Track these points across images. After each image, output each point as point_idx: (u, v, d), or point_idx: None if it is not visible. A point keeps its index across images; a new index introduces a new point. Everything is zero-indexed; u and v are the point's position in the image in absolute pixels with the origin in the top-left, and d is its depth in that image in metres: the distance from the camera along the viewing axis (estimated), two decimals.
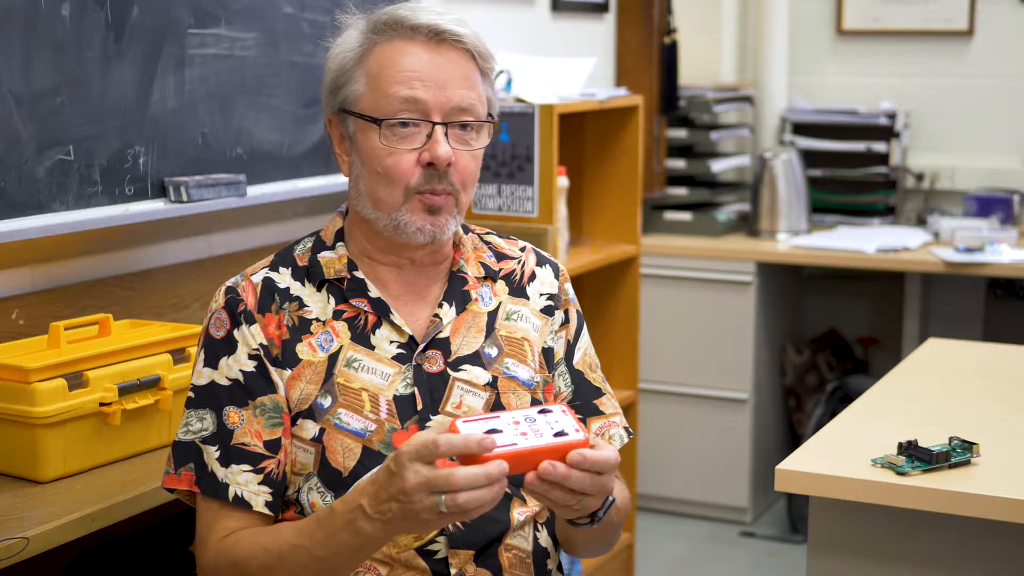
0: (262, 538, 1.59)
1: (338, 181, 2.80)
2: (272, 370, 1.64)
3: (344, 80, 1.68)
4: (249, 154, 2.58)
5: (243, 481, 1.62)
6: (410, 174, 1.63)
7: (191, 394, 1.67)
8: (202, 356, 1.67)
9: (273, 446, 1.63)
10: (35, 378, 1.92)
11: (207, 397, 1.65)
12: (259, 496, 1.62)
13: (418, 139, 1.63)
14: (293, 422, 1.64)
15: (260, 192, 2.61)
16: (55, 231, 2.16)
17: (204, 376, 1.66)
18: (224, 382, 1.65)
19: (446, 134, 1.63)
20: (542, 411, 1.44)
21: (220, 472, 1.62)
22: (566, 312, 1.81)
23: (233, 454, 1.62)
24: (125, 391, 2.01)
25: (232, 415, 1.64)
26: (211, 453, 1.63)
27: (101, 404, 1.98)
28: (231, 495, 1.61)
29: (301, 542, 1.54)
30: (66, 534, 1.77)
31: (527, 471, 1.41)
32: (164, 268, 2.55)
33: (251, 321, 1.66)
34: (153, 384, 2.05)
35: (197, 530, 1.65)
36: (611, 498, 1.55)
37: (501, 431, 1.40)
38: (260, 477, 1.62)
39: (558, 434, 1.41)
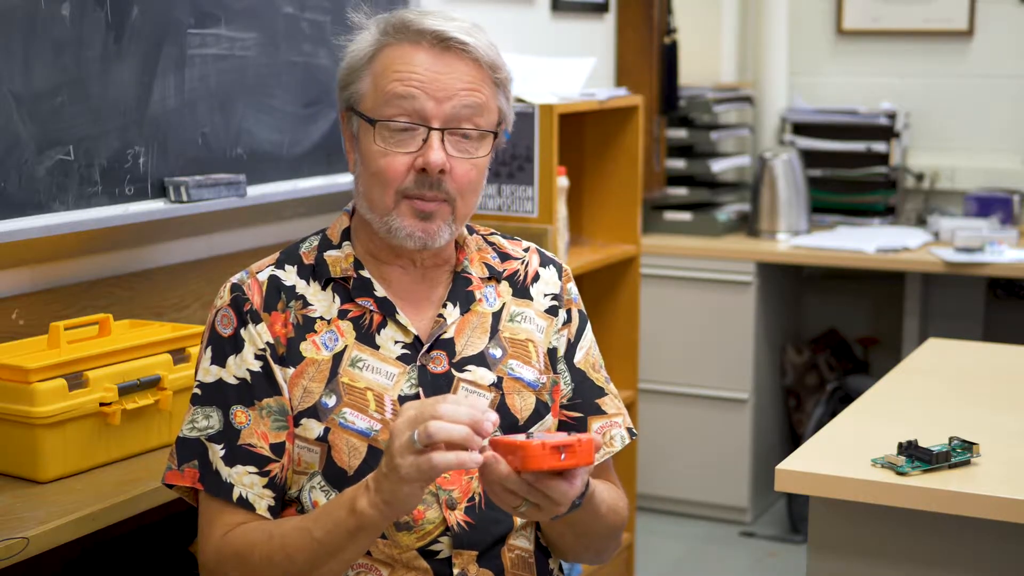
0: (267, 525, 1.60)
1: (338, 181, 2.80)
2: (277, 371, 1.64)
3: (353, 78, 1.68)
4: (249, 154, 2.58)
5: (248, 483, 1.62)
6: (402, 177, 1.63)
7: (197, 391, 1.66)
8: (209, 353, 1.67)
9: (278, 449, 1.63)
10: (35, 378, 1.92)
11: (214, 394, 1.65)
12: (263, 500, 1.62)
13: (414, 143, 1.63)
14: (296, 422, 1.64)
15: (260, 192, 2.61)
16: (55, 231, 2.16)
17: (211, 373, 1.65)
18: (232, 380, 1.64)
19: (443, 140, 1.62)
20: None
21: (224, 471, 1.62)
22: (568, 312, 1.80)
23: (239, 454, 1.62)
24: (125, 391, 2.00)
25: (239, 414, 1.63)
26: (216, 451, 1.62)
27: (101, 404, 1.97)
28: (235, 496, 1.61)
29: (304, 524, 1.55)
30: (66, 534, 1.77)
31: (529, 468, 1.41)
32: (164, 268, 2.55)
33: (257, 320, 1.65)
34: (153, 384, 2.05)
35: (199, 526, 1.65)
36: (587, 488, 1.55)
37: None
38: (265, 480, 1.62)
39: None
